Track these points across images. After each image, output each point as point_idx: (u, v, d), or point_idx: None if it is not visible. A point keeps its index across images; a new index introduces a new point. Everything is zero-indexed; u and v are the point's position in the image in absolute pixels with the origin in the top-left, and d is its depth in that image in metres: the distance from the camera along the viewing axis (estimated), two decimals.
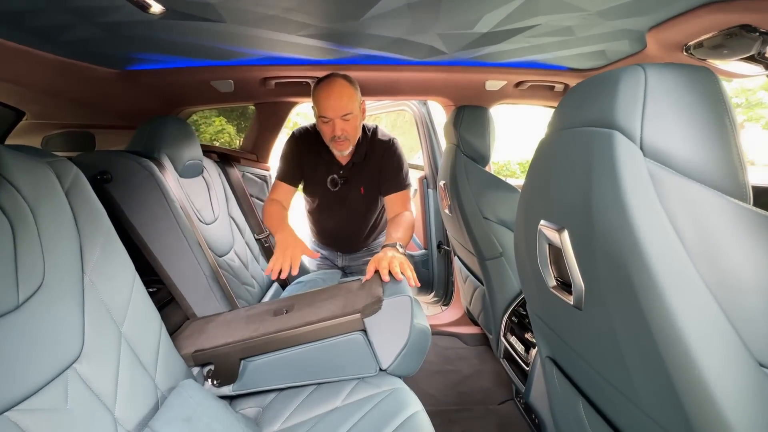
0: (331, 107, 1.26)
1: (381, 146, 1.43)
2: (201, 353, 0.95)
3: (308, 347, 0.94)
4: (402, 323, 0.92)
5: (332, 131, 1.28)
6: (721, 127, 0.43)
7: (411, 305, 0.95)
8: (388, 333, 0.93)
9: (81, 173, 0.82)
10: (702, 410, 0.41)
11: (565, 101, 0.62)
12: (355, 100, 1.30)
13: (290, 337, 0.94)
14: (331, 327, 0.93)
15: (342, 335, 0.93)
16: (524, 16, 1.00)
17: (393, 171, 1.41)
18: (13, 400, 0.56)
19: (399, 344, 0.92)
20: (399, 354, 0.93)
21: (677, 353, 0.41)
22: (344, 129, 1.28)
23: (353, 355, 0.94)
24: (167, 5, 0.91)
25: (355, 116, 1.29)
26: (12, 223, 0.65)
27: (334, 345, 0.94)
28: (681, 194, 0.42)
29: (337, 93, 1.26)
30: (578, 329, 0.63)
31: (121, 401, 0.71)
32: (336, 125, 1.27)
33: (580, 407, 0.73)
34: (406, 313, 0.93)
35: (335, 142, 1.30)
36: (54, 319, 0.66)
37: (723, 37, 0.94)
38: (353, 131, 1.32)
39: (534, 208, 0.68)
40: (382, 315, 0.93)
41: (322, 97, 1.27)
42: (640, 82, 0.46)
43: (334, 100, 1.26)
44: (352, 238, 1.65)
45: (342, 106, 1.26)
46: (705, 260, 0.40)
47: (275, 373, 0.96)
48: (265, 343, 0.95)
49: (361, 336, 0.93)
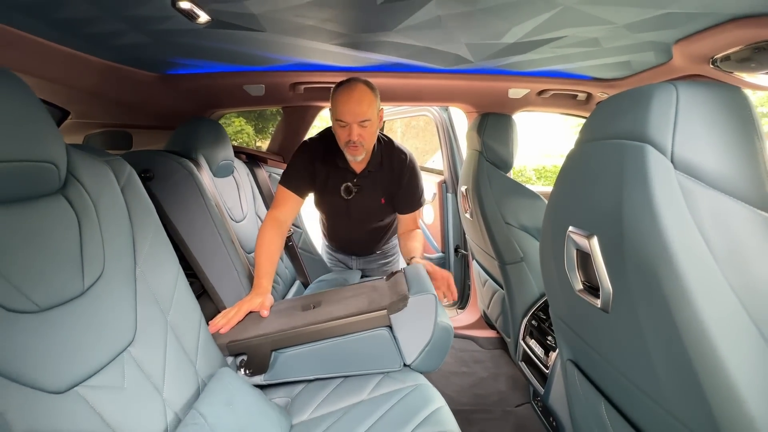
0: (350, 112, 1.23)
1: (399, 160, 1.41)
2: (235, 343, 1.00)
3: (336, 341, 0.99)
4: (426, 320, 0.96)
5: (348, 136, 1.25)
6: (749, 144, 0.46)
7: (435, 303, 0.98)
8: (413, 329, 0.97)
9: (134, 171, 0.89)
10: (729, 409, 0.43)
11: (597, 114, 0.65)
12: (375, 107, 1.27)
13: (319, 330, 0.99)
14: (357, 322, 0.98)
15: (368, 330, 0.98)
16: (552, 28, 1.03)
17: (411, 191, 1.41)
18: (81, 377, 0.62)
19: (423, 340, 0.96)
20: (423, 350, 0.96)
21: (705, 355, 0.44)
22: (361, 135, 1.25)
23: (379, 349, 0.98)
24: (213, 15, 0.97)
25: (372, 123, 1.26)
26: (78, 216, 0.71)
27: (360, 339, 0.98)
28: (710, 205, 0.45)
29: (357, 98, 1.23)
30: (604, 332, 0.65)
31: (168, 384, 0.76)
32: (353, 130, 1.24)
33: (602, 409, 0.75)
34: (430, 310, 0.97)
35: (350, 147, 1.27)
36: (112, 305, 0.72)
37: (751, 51, 0.95)
38: (369, 138, 1.29)
39: (562, 214, 0.71)
40: (407, 312, 0.97)
41: (341, 101, 1.24)
42: (672, 99, 0.49)
43: (353, 105, 1.23)
44: (365, 244, 1.67)
45: (361, 111, 1.23)
46: (732, 268, 0.43)
47: (304, 364, 1.01)
48: (295, 336, 0.99)
49: (386, 332, 0.97)
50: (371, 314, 0.97)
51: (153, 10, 0.92)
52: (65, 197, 0.71)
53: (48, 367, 0.57)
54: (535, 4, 0.88)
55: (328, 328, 0.98)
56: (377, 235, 1.64)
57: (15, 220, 0.61)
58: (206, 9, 0.93)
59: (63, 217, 0.69)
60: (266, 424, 0.79)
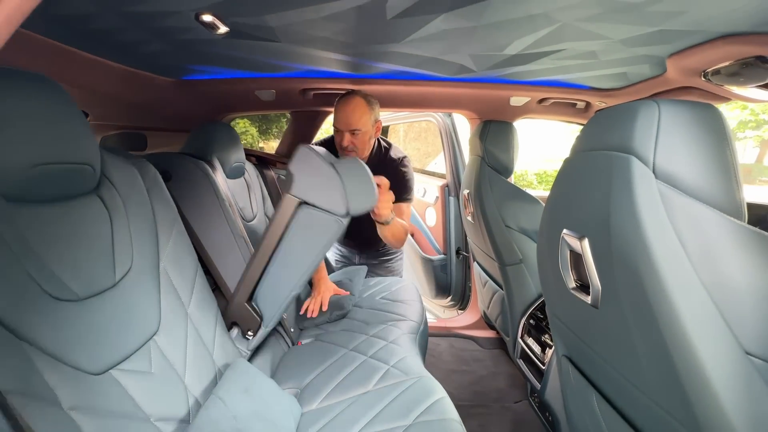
0: (342, 120, 1.40)
1: (392, 162, 1.54)
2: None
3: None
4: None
5: (341, 141, 1.42)
6: (722, 158, 0.51)
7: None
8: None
9: (158, 173, 0.95)
10: (700, 392, 0.49)
11: (589, 127, 0.70)
12: (367, 118, 1.42)
13: (262, 253, 1.10)
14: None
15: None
16: (551, 41, 1.09)
17: (397, 182, 1.47)
18: (115, 361, 0.67)
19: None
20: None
21: (680, 344, 0.50)
22: (352, 142, 1.41)
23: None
24: (232, 27, 1.03)
25: (364, 133, 1.42)
26: (110, 214, 0.77)
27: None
28: (686, 211, 0.50)
29: (350, 109, 1.40)
30: (594, 326, 0.71)
31: (189, 371, 0.82)
32: (345, 137, 1.41)
33: (594, 401, 0.80)
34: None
35: (344, 151, 1.44)
36: (139, 297, 0.78)
37: (739, 66, 1.01)
38: (361, 145, 1.43)
39: (558, 218, 0.77)
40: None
41: (337, 110, 1.43)
42: (654, 116, 0.54)
43: (345, 115, 1.40)
44: (366, 242, 1.76)
45: (352, 121, 1.39)
46: (705, 267, 0.48)
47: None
48: (249, 279, 1.11)
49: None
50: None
51: (177, 22, 0.98)
52: (99, 196, 0.76)
53: (87, 351, 0.63)
54: (535, 20, 0.94)
55: (266, 246, 1.07)
56: (376, 235, 1.70)
57: (57, 217, 0.67)
58: (226, 21, 0.99)
59: (97, 214, 0.75)
60: (280, 410, 0.85)
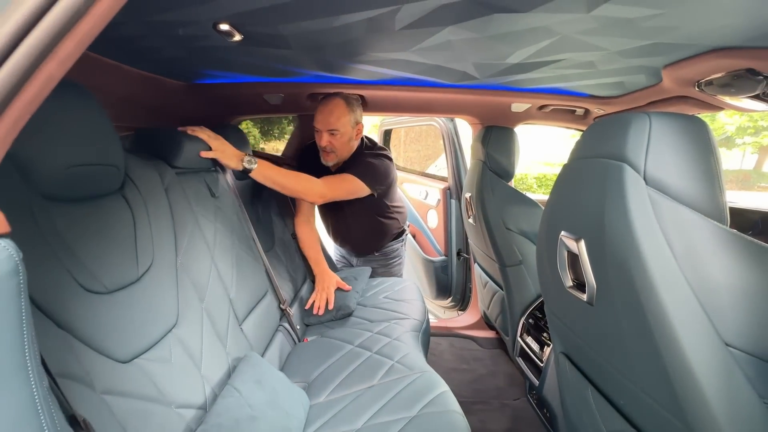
0: (320, 120, 1.45)
1: (367, 155, 1.56)
2: None
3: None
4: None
5: (320, 141, 1.47)
6: (707, 166, 0.56)
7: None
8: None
9: (175, 174, 0.99)
10: (684, 381, 0.53)
11: (586, 136, 0.75)
12: (346, 120, 1.45)
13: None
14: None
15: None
16: (551, 52, 1.14)
17: (358, 164, 1.50)
18: (140, 350, 0.72)
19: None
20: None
21: (666, 336, 0.54)
22: (330, 142, 1.45)
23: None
24: (247, 34, 1.08)
25: (342, 134, 1.45)
26: (133, 213, 0.82)
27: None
28: (673, 215, 0.55)
29: (328, 110, 1.44)
30: (589, 323, 0.75)
31: (205, 362, 0.86)
32: (323, 137, 1.45)
33: (589, 394, 0.85)
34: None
35: (322, 152, 1.49)
36: (160, 291, 0.82)
37: (731, 77, 1.06)
38: (339, 146, 1.48)
39: (556, 221, 0.81)
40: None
41: (317, 110, 1.47)
42: (645, 127, 0.59)
43: (324, 115, 1.44)
44: (356, 242, 1.80)
45: (329, 121, 1.43)
46: (689, 266, 0.53)
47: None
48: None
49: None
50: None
51: (195, 31, 1.03)
52: (123, 196, 0.81)
53: (115, 340, 0.67)
54: (536, 33, 0.99)
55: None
56: (364, 234, 1.74)
57: (86, 214, 0.71)
58: (242, 30, 1.04)
59: (122, 213, 0.79)
60: (290, 401, 0.89)
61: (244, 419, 0.75)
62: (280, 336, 1.29)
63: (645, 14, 0.82)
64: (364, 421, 0.89)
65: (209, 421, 0.71)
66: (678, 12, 0.80)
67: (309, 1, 0.82)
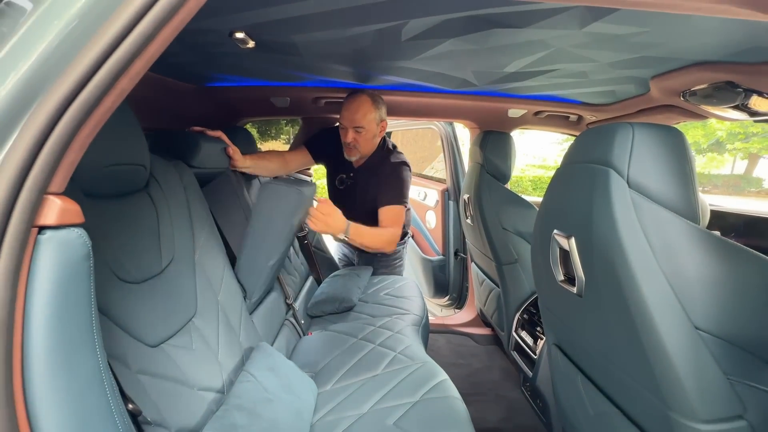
0: (347, 117, 1.46)
1: (392, 164, 1.59)
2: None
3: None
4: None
5: (345, 137, 1.49)
6: (683, 172, 0.63)
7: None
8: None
9: (192, 173, 1.05)
10: (660, 361, 0.60)
11: (576, 144, 0.82)
12: (372, 118, 1.47)
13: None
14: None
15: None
16: (547, 62, 1.21)
17: (392, 185, 1.54)
18: (165, 337, 0.78)
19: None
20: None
21: (645, 321, 0.61)
22: (355, 139, 1.47)
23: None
24: (259, 42, 1.14)
25: (367, 131, 1.47)
26: (157, 209, 0.88)
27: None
28: (652, 215, 0.62)
29: (354, 107, 1.46)
30: (579, 313, 0.82)
31: (221, 350, 0.92)
32: (348, 133, 1.47)
33: (579, 381, 0.92)
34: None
35: (346, 147, 1.52)
36: (181, 283, 0.88)
37: (713, 89, 1.14)
38: (363, 143, 1.50)
39: (549, 220, 0.88)
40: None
41: (343, 107, 1.49)
42: (629, 136, 0.66)
43: (350, 112, 1.46)
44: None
45: (355, 118, 1.45)
46: (665, 259, 0.60)
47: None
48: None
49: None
50: None
51: (211, 38, 1.09)
52: (148, 193, 0.87)
53: (145, 326, 0.73)
54: (533, 45, 1.06)
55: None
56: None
57: (117, 210, 0.77)
58: (256, 38, 1.10)
59: (147, 209, 0.85)
60: (301, 387, 0.95)
61: (261, 401, 0.81)
62: (286, 329, 1.35)
63: (632, 31, 0.90)
64: (369, 406, 0.95)
65: (230, 402, 0.77)
66: (662, 30, 0.88)
67: (327, 14, 0.88)
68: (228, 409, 0.75)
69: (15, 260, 0.36)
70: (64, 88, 0.36)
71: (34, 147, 0.36)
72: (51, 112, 0.36)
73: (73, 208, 0.41)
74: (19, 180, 0.36)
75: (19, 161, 0.36)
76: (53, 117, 0.36)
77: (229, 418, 0.72)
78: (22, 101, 0.36)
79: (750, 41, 0.86)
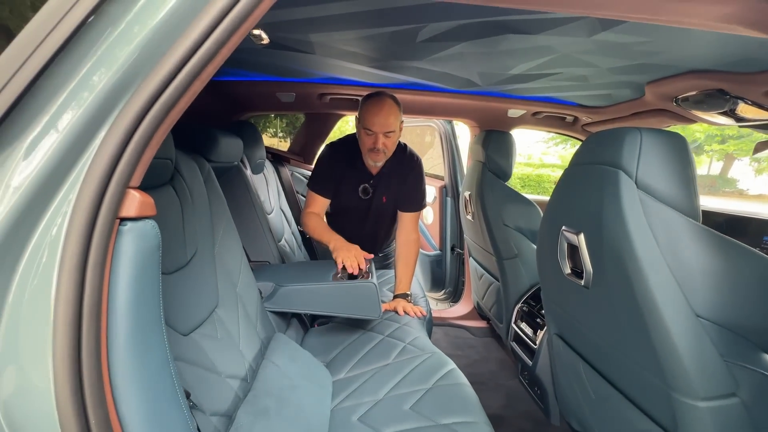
0: (378, 123, 1.40)
1: (409, 162, 1.58)
2: None
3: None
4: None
5: (373, 144, 1.42)
6: (686, 175, 0.69)
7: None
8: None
9: (211, 168, 1.07)
10: (664, 346, 0.67)
11: (584, 146, 0.88)
12: (399, 119, 1.46)
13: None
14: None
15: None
16: (551, 66, 1.27)
17: (415, 190, 1.56)
18: (194, 326, 0.80)
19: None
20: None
21: (651, 310, 0.67)
22: (385, 144, 1.43)
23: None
24: (274, 38, 1.15)
25: (395, 134, 1.45)
26: (182, 203, 0.89)
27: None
28: (658, 213, 0.68)
29: (386, 112, 1.41)
30: (585, 304, 0.88)
31: (242, 340, 0.95)
32: (378, 139, 1.41)
33: (581, 368, 0.98)
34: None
35: (372, 153, 1.44)
36: (204, 275, 0.90)
37: (703, 95, 1.21)
38: (392, 147, 1.47)
39: (558, 217, 0.94)
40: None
41: (372, 113, 1.40)
42: (637, 140, 0.72)
43: (382, 118, 1.40)
44: (369, 242, 1.84)
45: (388, 123, 1.41)
46: (669, 253, 0.66)
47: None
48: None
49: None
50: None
51: None
52: (173, 187, 0.89)
53: (177, 316, 0.76)
54: (540, 50, 1.11)
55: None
56: (383, 235, 1.82)
57: None
58: (272, 35, 1.12)
59: (172, 202, 0.87)
60: (319, 374, 0.99)
61: (286, 388, 0.84)
62: (295, 321, 1.38)
63: (636, 40, 0.96)
64: (385, 392, 0.99)
65: (258, 388, 0.80)
66: (663, 40, 0.94)
67: (351, 15, 0.90)
68: (257, 395, 0.78)
69: (103, 250, 0.39)
70: (150, 87, 0.39)
71: (122, 143, 0.39)
72: (138, 110, 0.39)
73: (149, 201, 0.44)
74: (107, 175, 0.39)
75: (108, 157, 0.39)
76: (140, 114, 0.39)
77: (261, 402, 0.75)
78: (114, 98, 0.39)
79: (742, 53, 0.93)
